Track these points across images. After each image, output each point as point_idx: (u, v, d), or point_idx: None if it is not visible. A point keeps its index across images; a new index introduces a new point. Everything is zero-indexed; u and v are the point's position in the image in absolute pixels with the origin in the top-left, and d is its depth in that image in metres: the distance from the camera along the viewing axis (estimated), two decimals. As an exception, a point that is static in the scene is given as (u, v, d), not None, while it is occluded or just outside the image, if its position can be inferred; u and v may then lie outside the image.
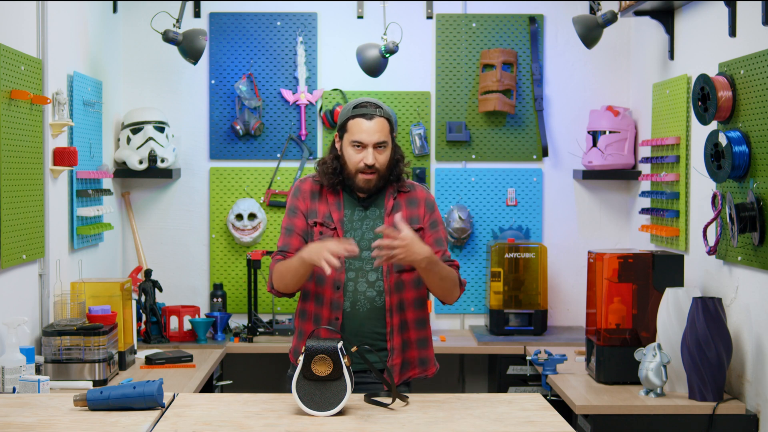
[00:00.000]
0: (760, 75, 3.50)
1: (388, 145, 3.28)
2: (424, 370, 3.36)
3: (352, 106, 3.29)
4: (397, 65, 5.13)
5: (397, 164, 3.33)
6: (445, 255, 3.35)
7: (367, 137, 3.23)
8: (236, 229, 5.10)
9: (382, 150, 3.26)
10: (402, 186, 3.36)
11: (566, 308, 5.26)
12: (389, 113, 3.30)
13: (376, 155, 3.24)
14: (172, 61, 5.14)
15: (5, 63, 3.44)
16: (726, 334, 3.59)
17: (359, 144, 3.24)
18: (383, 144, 3.25)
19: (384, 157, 3.27)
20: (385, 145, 3.26)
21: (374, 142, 3.24)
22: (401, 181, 3.35)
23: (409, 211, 3.33)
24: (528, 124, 5.24)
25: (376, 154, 3.24)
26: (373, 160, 3.23)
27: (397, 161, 3.33)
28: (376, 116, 3.24)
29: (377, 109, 3.26)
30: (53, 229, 3.98)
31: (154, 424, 2.68)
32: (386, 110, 3.29)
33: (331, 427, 2.65)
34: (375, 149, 3.24)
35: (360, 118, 3.25)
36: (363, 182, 3.26)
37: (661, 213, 4.51)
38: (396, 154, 3.33)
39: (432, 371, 3.39)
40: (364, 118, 3.24)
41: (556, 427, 2.68)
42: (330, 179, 3.31)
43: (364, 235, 3.29)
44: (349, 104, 3.31)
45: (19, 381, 3.24)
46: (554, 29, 5.24)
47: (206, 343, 4.69)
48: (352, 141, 3.25)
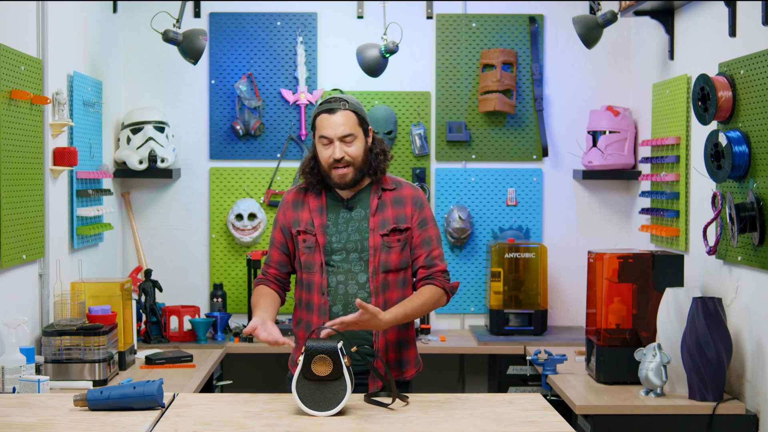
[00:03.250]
0: (760, 75, 3.50)
1: (358, 137, 3.25)
2: (402, 372, 3.32)
3: (319, 104, 3.30)
4: (397, 65, 5.13)
5: (377, 158, 3.30)
6: (431, 255, 3.29)
7: (331, 131, 3.23)
8: (236, 229, 5.10)
9: (351, 143, 3.24)
10: (386, 184, 3.33)
11: (566, 308, 5.26)
12: (357, 105, 3.27)
13: (345, 148, 3.23)
14: (172, 61, 5.14)
15: (5, 63, 3.44)
16: (726, 334, 3.59)
17: (326, 139, 3.24)
18: (350, 136, 3.23)
19: (354, 149, 3.24)
20: (353, 137, 3.24)
21: (339, 135, 3.22)
22: (379, 175, 3.31)
23: (395, 211, 3.30)
24: (528, 124, 5.24)
25: (344, 147, 3.23)
26: (341, 153, 3.22)
27: (377, 155, 3.30)
28: (339, 109, 3.23)
29: (341, 102, 3.25)
30: (53, 229, 3.98)
31: (154, 424, 2.68)
32: (353, 103, 3.27)
33: (331, 427, 2.65)
34: (342, 142, 3.23)
35: (324, 114, 3.25)
36: (337, 177, 3.25)
37: (661, 213, 4.51)
38: (375, 147, 3.31)
39: (411, 373, 3.34)
40: (328, 112, 3.24)
41: (556, 427, 2.68)
42: (308, 178, 3.32)
43: (350, 237, 3.27)
44: (318, 102, 3.32)
45: (19, 381, 3.24)
46: (554, 29, 5.24)
47: (206, 343, 4.69)
48: (320, 137, 3.26)
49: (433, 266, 3.30)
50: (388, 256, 3.26)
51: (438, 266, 3.30)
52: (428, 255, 3.29)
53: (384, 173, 3.33)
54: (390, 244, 3.27)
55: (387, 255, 3.26)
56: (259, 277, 3.41)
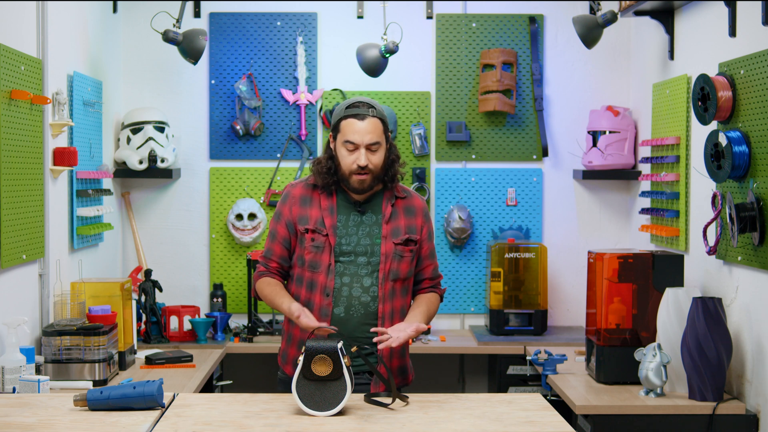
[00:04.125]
0: (760, 75, 3.50)
1: (382, 146, 3.24)
2: (405, 378, 3.37)
3: (345, 106, 3.26)
4: (397, 65, 5.13)
5: (393, 165, 3.30)
6: (436, 266, 3.42)
7: (359, 138, 3.20)
8: (236, 229, 5.10)
9: (375, 150, 3.22)
10: (398, 192, 3.34)
11: (566, 308, 5.26)
12: (383, 113, 3.26)
13: (369, 156, 3.21)
14: (172, 61, 5.14)
15: (5, 63, 3.44)
16: (726, 334, 3.59)
17: (352, 144, 3.22)
18: (376, 144, 3.22)
19: (377, 157, 3.23)
20: (378, 145, 3.23)
21: (367, 143, 3.20)
22: (394, 182, 3.32)
23: (407, 221, 3.32)
24: (528, 124, 5.24)
25: (369, 155, 3.21)
26: (366, 161, 3.20)
27: (393, 161, 3.29)
28: (368, 116, 3.21)
29: (370, 108, 3.22)
30: (53, 229, 3.98)
31: (154, 424, 2.68)
32: (380, 110, 3.25)
33: (331, 427, 2.65)
34: (367, 150, 3.21)
35: (352, 119, 3.21)
36: (357, 183, 3.24)
37: (661, 213, 4.51)
38: (391, 154, 3.30)
39: (410, 378, 3.41)
40: (357, 118, 3.21)
41: (556, 427, 2.68)
42: (324, 179, 3.28)
43: (360, 240, 3.27)
44: (343, 104, 3.28)
45: (19, 381, 3.24)
46: (554, 29, 5.24)
47: (206, 343, 4.69)
48: (345, 141, 3.22)
49: (437, 277, 3.41)
50: (399, 265, 3.27)
51: (440, 276, 3.43)
52: (434, 267, 3.39)
53: (395, 179, 3.32)
54: (402, 254, 3.28)
55: (398, 264, 3.27)
56: (261, 269, 3.36)
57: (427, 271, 3.37)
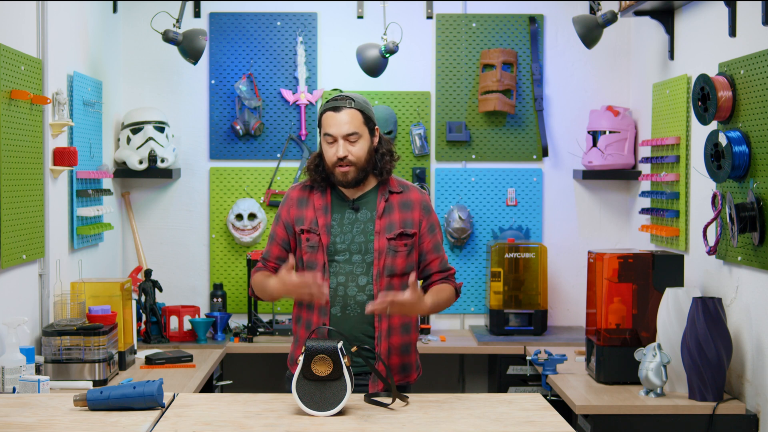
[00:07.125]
0: (760, 75, 3.50)
1: (362, 137, 3.24)
2: (405, 376, 3.33)
3: (325, 101, 3.30)
4: (397, 65, 5.13)
5: (383, 158, 3.29)
6: (444, 260, 3.35)
7: (336, 130, 3.21)
8: (236, 229, 5.10)
9: (355, 141, 3.22)
10: (393, 186, 3.33)
11: (566, 308, 5.26)
12: (364, 105, 3.26)
13: (348, 147, 3.21)
14: (172, 61, 5.14)
15: (5, 63, 3.44)
16: (726, 334, 3.59)
17: (330, 137, 3.23)
18: (354, 135, 3.22)
19: (358, 148, 3.23)
20: (357, 136, 3.22)
21: (344, 133, 3.21)
22: (385, 176, 3.30)
23: (402, 215, 3.30)
24: (528, 124, 5.24)
25: (348, 146, 3.21)
26: (345, 152, 3.21)
27: (383, 155, 3.29)
28: (345, 108, 3.22)
29: (348, 100, 3.24)
30: (53, 229, 3.98)
31: (154, 424, 2.68)
32: (360, 102, 3.25)
33: (331, 427, 2.65)
34: (346, 141, 3.21)
35: (330, 111, 3.23)
36: (340, 175, 3.24)
37: (661, 213, 4.51)
38: (381, 147, 3.30)
39: (413, 377, 3.37)
40: (334, 110, 3.23)
41: (556, 427, 2.68)
42: (313, 176, 3.31)
43: (355, 238, 3.26)
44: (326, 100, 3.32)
45: (19, 381, 3.24)
46: (554, 29, 5.24)
47: (206, 343, 4.70)
48: (324, 135, 3.25)
49: (447, 270, 3.36)
50: (394, 260, 3.26)
51: (451, 269, 3.38)
52: (441, 260, 3.35)
53: (390, 174, 3.32)
54: (396, 248, 3.26)
55: (393, 259, 3.26)
56: (258, 266, 3.39)
57: (434, 265, 3.34)
